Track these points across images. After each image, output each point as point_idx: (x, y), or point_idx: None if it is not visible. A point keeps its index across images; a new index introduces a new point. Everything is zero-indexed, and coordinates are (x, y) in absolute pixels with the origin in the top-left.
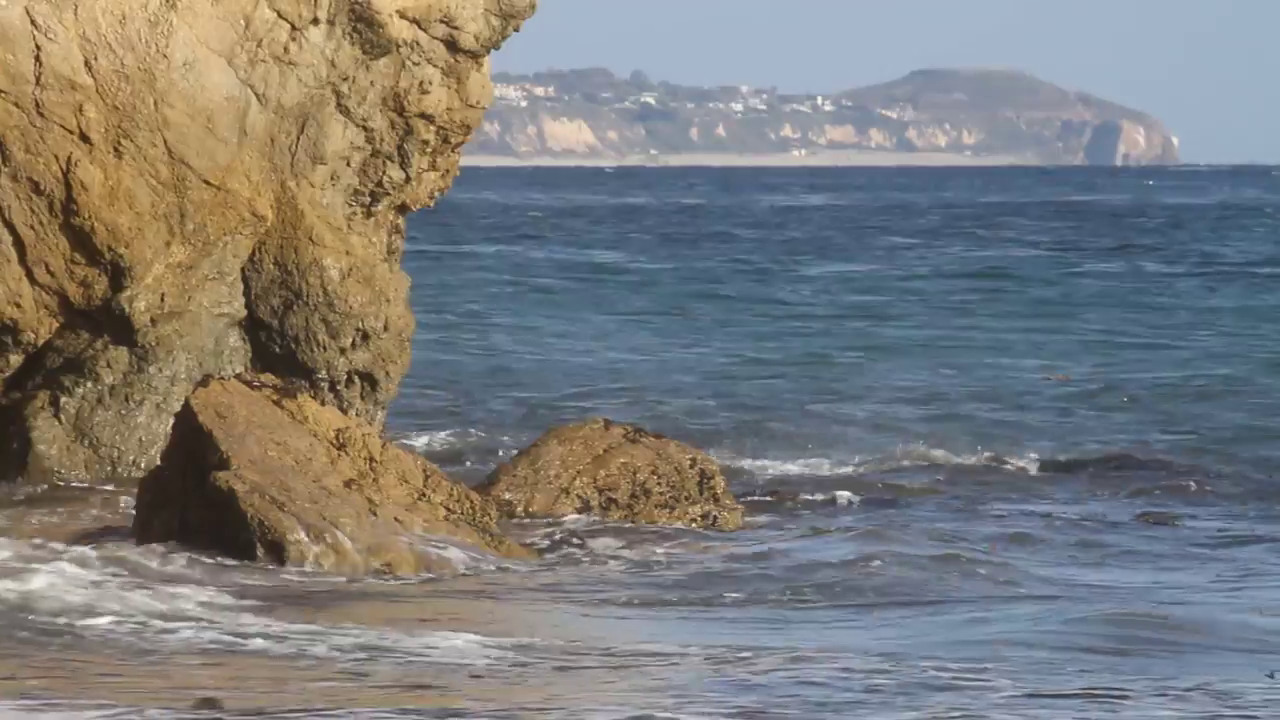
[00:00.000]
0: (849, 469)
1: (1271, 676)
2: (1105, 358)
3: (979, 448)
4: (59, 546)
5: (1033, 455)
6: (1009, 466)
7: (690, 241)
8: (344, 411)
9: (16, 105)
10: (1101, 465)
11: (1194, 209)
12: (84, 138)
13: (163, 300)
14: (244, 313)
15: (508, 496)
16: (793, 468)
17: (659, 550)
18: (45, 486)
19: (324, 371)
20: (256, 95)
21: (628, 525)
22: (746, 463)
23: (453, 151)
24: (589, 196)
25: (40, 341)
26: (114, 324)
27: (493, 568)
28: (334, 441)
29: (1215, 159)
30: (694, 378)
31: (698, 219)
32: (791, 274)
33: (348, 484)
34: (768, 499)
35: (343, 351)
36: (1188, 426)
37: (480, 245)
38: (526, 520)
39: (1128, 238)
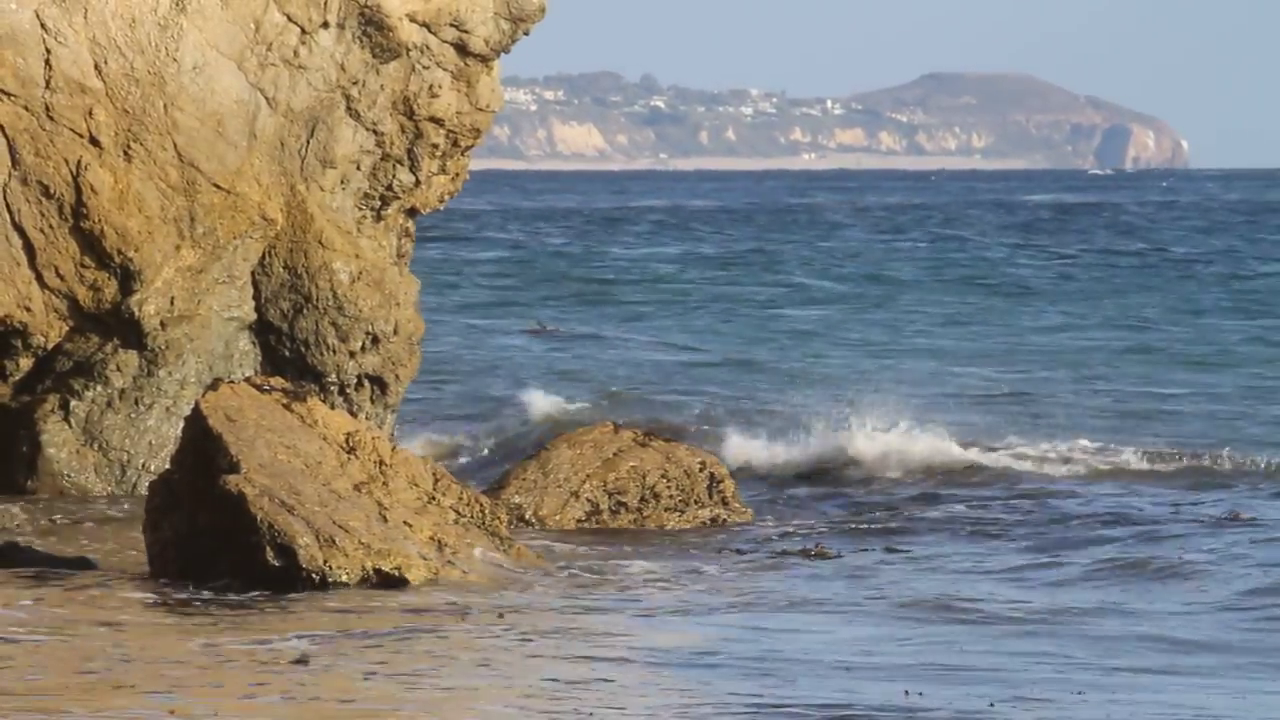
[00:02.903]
0: None
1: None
2: None
3: None
4: None
5: None
6: None
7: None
8: (353, 415)
9: (26, 109)
10: None
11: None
12: (94, 141)
13: (172, 304)
14: (254, 316)
15: (517, 500)
16: None
17: None
18: None
19: (333, 375)
20: (266, 99)
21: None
22: None
23: (462, 155)
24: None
25: (50, 345)
26: (124, 327)
27: None
28: (344, 445)
29: (1226, 163)
30: None
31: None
32: None
33: (357, 487)
34: None
35: (352, 355)
36: None
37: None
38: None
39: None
